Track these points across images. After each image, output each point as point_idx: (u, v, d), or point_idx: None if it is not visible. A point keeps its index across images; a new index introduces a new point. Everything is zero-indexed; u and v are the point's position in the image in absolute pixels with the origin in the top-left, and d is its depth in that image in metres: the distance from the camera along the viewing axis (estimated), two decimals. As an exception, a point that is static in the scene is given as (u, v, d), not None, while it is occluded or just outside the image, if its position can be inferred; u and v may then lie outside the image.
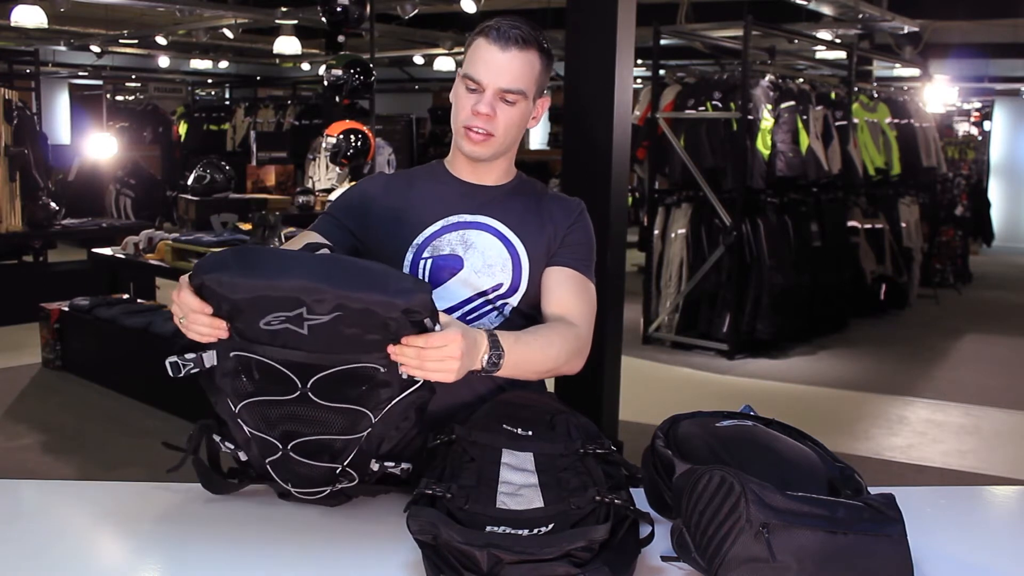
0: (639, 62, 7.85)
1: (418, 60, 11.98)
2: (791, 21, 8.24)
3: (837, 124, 7.25)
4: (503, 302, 1.69)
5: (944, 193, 9.95)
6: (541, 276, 1.70)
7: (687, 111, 6.71)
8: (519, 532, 1.22)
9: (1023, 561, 1.43)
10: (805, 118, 6.79)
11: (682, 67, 9.96)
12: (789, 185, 6.85)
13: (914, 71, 10.33)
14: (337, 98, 6.72)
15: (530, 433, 1.42)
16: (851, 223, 7.57)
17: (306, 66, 13.63)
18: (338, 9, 6.29)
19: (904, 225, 8.29)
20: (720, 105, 6.58)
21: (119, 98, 14.74)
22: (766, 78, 6.75)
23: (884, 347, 6.99)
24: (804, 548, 1.15)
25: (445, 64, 11.08)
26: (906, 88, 9.98)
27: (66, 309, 5.73)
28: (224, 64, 13.95)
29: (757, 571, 1.15)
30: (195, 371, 1.37)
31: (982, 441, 4.91)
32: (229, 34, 9.78)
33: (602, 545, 1.19)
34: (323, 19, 6.47)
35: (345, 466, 1.41)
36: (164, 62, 12.86)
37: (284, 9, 8.64)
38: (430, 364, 1.32)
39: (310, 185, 8.53)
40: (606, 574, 1.17)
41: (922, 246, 8.68)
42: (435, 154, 12.97)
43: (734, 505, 1.17)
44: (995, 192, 12.80)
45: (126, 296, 6.00)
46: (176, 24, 9.94)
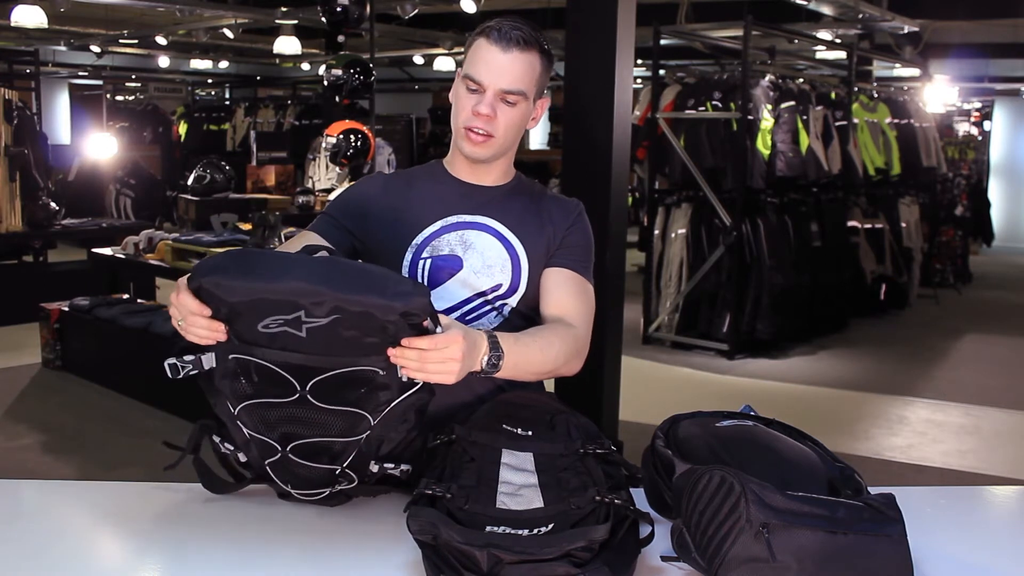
0: (639, 62, 7.85)
1: (418, 60, 11.98)
2: (791, 21, 8.24)
3: (837, 124, 7.25)
4: (502, 303, 1.69)
5: (944, 193, 9.95)
6: (540, 277, 1.70)
7: (687, 111, 6.71)
8: (519, 532, 1.22)
9: (1023, 561, 1.43)
10: (805, 118, 6.79)
11: (682, 67, 9.96)
12: (789, 185, 6.85)
13: (914, 71, 10.33)
14: (337, 98, 6.72)
15: (530, 433, 1.42)
16: (851, 223, 7.57)
17: (306, 66, 13.63)
18: (338, 9, 6.29)
19: (904, 225, 8.29)
20: (720, 105, 6.58)
21: (119, 98, 14.74)
22: (766, 78, 6.75)
23: (884, 347, 6.99)
24: (804, 548, 1.15)
25: (445, 64, 11.08)
26: (906, 88, 9.98)
27: (66, 309, 5.73)
28: (224, 64, 13.95)
29: (757, 571, 1.15)
30: (194, 373, 1.37)
31: (982, 441, 4.91)
32: (229, 34, 9.78)
33: (602, 545, 1.19)
34: (323, 19, 6.47)
35: (344, 467, 1.41)
36: (164, 62, 12.86)
37: (284, 9, 8.64)
38: (431, 366, 1.32)
39: (310, 185, 8.53)
40: (606, 574, 1.17)
41: (922, 246, 8.69)
42: (435, 154, 12.97)
43: (734, 505, 1.17)
44: (995, 192, 12.80)
45: (126, 296, 6.00)
46: (176, 24, 9.94)
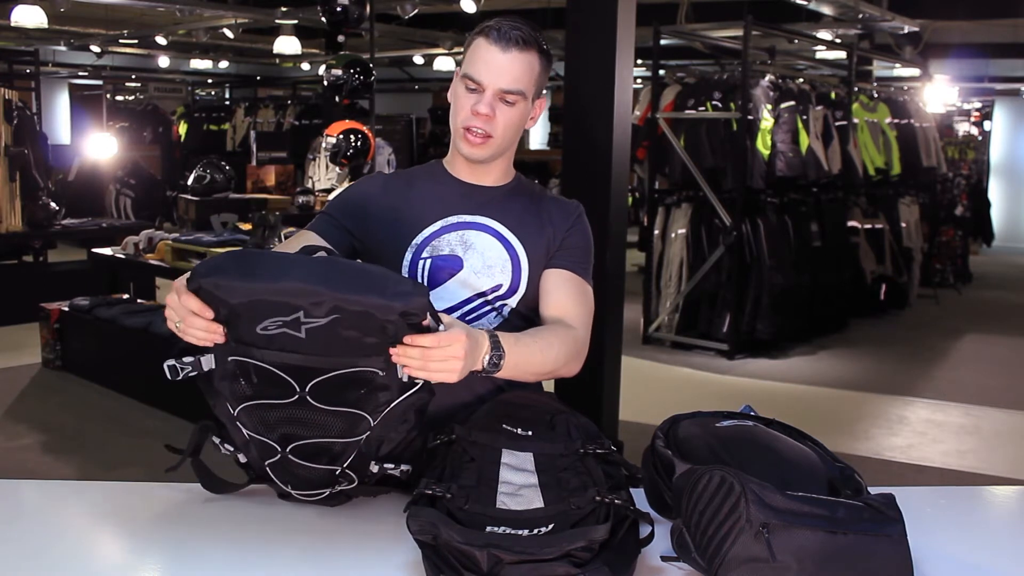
0: (639, 62, 7.85)
1: (418, 60, 11.99)
2: (791, 21, 8.25)
3: (837, 124, 7.26)
4: (502, 303, 1.69)
5: (944, 193, 9.95)
6: (540, 278, 1.70)
7: (687, 111, 6.71)
8: (519, 532, 1.22)
9: (1023, 561, 1.43)
10: (805, 118, 6.79)
11: (682, 67, 9.97)
12: (789, 185, 6.85)
13: (914, 71, 10.33)
14: (337, 98, 6.72)
15: (530, 433, 1.42)
16: (851, 223, 7.58)
17: (306, 66, 13.63)
18: (338, 9, 6.29)
19: (904, 225, 8.29)
20: (720, 105, 6.58)
21: (119, 98, 14.74)
22: (766, 78, 6.75)
23: (884, 347, 6.99)
24: (804, 548, 1.15)
25: (445, 64, 11.08)
26: (906, 88, 9.98)
27: (66, 309, 5.73)
28: (224, 64, 13.95)
29: (757, 571, 1.15)
30: (193, 374, 1.37)
31: (982, 441, 4.91)
32: (229, 34, 9.78)
33: (602, 545, 1.19)
34: (323, 19, 6.47)
35: (344, 468, 1.41)
36: (164, 62, 12.86)
37: (284, 9, 8.64)
38: (434, 365, 1.32)
39: (310, 185, 8.53)
40: (606, 574, 1.17)
41: (922, 246, 8.69)
42: (435, 154, 12.97)
43: (734, 505, 1.17)
44: (995, 192, 12.81)
45: (126, 296, 6.00)
46: (176, 24, 9.94)
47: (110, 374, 5.39)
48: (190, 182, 7.24)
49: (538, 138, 15.09)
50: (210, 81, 15.89)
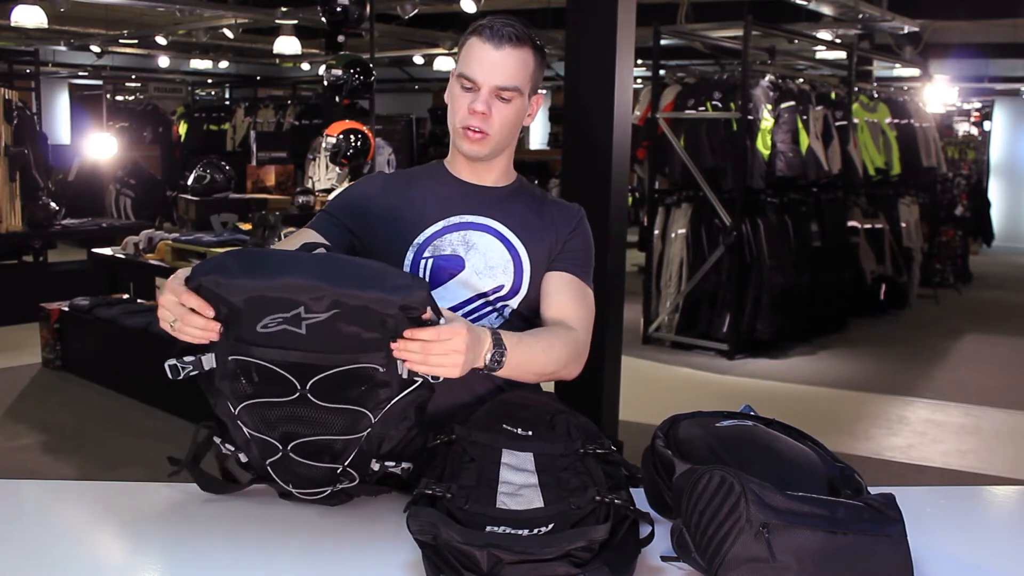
0: (639, 62, 7.85)
1: (418, 60, 11.98)
2: (791, 21, 8.25)
3: (837, 124, 7.25)
4: (503, 304, 1.69)
5: (944, 193, 9.95)
6: (541, 280, 1.70)
7: (687, 111, 6.71)
8: (519, 532, 1.22)
9: (1023, 561, 1.43)
10: (805, 118, 6.79)
11: (682, 67, 9.96)
12: (789, 185, 6.85)
13: (914, 71, 10.33)
14: (337, 98, 6.72)
15: (530, 433, 1.42)
16: (851, 223, 7.58)
17: (306, 66, 13.63)
18: (338, 9, 6.29)
19: (904, 225, 8.29)
20: (720, 105, 6.58)
21: (119, 98, 14.74)
22: (766, 78, 6.75)
23: (884, 347, 6.99)
24: (804, 548, 1.15)
25: (445, 64, 11.07)
26: (906, 88, 9.98)
27: (66, 309, 5.73)
28: (224, 64, 13.95)
29: (757, 571, 1.15)
30: (194, 373, 1.37)
31: (982, 441, 4.91)
32: (229, 34, 9.78)
33: (602, 545, 1.19)
34: (323, 19, 6.47)
35: (346, 466, 1.41)
36: (164, 62, 12.85)
37: (284, 9, 8.64)
38: (435, 359, 1.32)
39: (310, 185, 8.52)
40: (606, 574, 1.17)
41: (922, 246, 8.69)
42: (435, 154, 12.97)
43: (734, 505, 1.17)
44: (995, 192, 12.81)
45: (126, 296, 6.00)
46: (176, 24, 9.94)
47: (110, 374, 5.39)
48: (190, 182, 7.24)
49: (538, 138, 15.09)
50: (210, 81, 15.89)
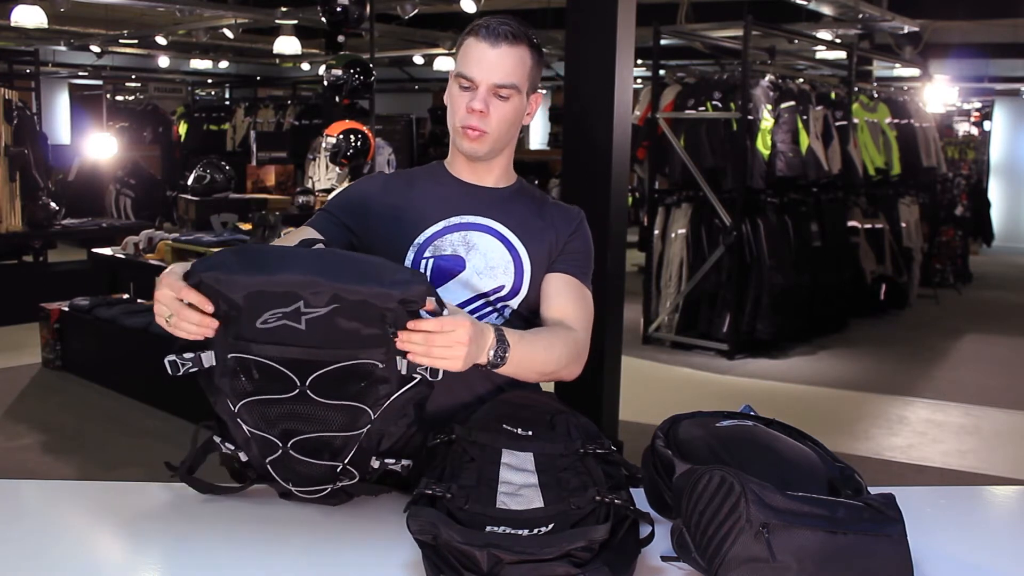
0: (639, 62, 7.85)
1: (418, 60, 11.98)
2: (791, 21, 8.24)
3: (837, 124, 7.25)
4: (503, 304, 1.69)
5: (944, 193, 9.95)
6: (541, 281, 1.70)
7: (687, 111, 6.71)
8: (519, 532, 1.22)
9: (1023, 561, 1.43)
10: (805, 118, 6.79)
11: (682, 67, 9.96)
12: (789, 185, 6.85)
13: (914, 71, 10.33)
14: (337, 98, 6.72)
15: (530, 433, 1.42)
16: (851, 223, 7.57)
17: (306, 66, 13.63)
18: (338, 9, 6.29)
19: (904, 225, 8.29)
20: (720, 105, 6.58)
21: (119, 98, 14.74)
22: (766, 78, 6.75)
23: (884, 347, 6.99)
24: (804, 548, 1.15)
25: (445, 64, 11.07)
26: (906, 88, 9.98)
27: (66, 309, 5.73)
28: (224, 64, 13.94)
29: (757, 571, 1.15)
30: (193, 370, 1.37)
31: (982, 441, 4.91)
32: (229, 34, 9.78)
33: (602, 545, 1.19)
34: (323, 19, 6.47)
35: (346, 464, 1.41)
36: (164, 62, 12.85)
37: (284, 9, 8.64)
38: (437, 350, 1.32)
39: (310, 185, 8.52)
40: (606, 574, 1.17)
41: (922, 246, 8.69)
42: (435, 154, 12.97)
43: (734, 505, 1.17)
44: (995, 192, 12.80)
45: (126, 296, 6.00)
46: (176, 24, 9.94)
47: (110, 374, 5.39)
48: (190, 182, 7.24)
49: (538, 138, 15.09)
50: (210, 81, 15.89)
